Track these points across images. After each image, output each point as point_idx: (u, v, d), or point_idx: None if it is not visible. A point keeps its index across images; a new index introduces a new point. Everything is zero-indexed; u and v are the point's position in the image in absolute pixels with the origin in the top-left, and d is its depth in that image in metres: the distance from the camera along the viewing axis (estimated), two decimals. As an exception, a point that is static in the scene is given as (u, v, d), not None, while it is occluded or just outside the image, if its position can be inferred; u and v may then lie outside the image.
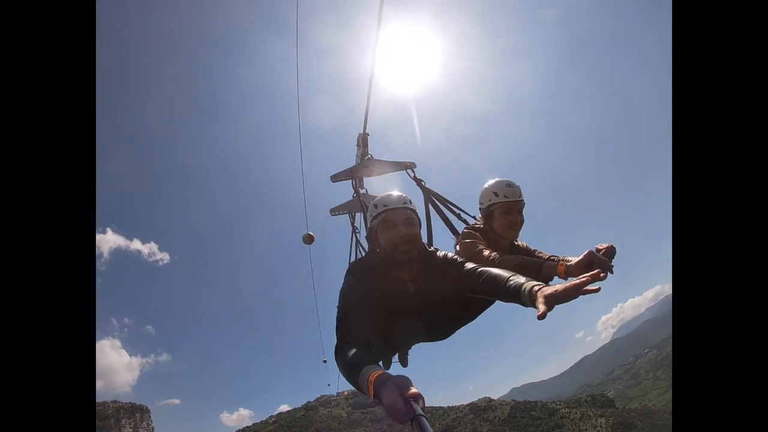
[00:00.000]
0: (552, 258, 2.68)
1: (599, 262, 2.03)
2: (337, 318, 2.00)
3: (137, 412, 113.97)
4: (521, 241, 2.94)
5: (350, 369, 1.59)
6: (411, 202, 2.33)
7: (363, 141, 4.21)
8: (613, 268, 2.11)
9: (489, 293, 2.02)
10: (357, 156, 4.35)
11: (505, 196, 2.66)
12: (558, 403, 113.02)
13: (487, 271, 2.03)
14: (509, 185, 2.69)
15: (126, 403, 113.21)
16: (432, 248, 2.43)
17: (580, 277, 1.59)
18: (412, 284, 2.26)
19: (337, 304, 2.12)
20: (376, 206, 2.29)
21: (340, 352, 1.75)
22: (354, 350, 1.68)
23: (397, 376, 1.33)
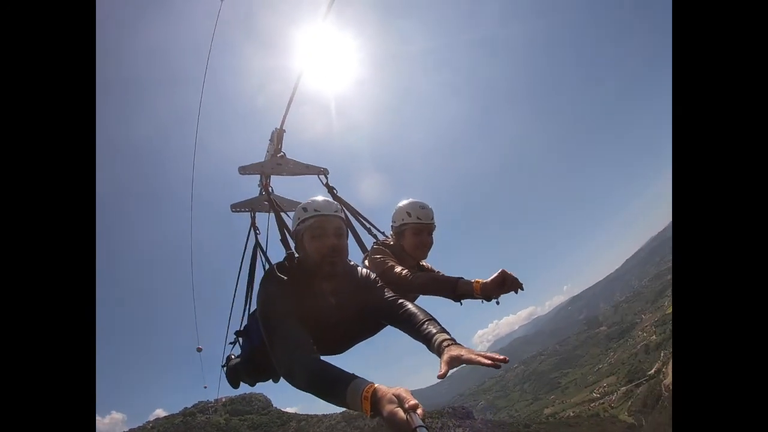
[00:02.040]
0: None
1: (511, 280, 2.21)
2: (268, 330, 1.91)
3: None
4: (427, 263, 3.04)
5: (331, 385, 1.55)
6: (342, 211, 2.27)
7: (278, 137, 3.88)
8: (523, 285, 2.26)
9: (402, 328, 2.05)
10: (268, 152, 4.02)
11: (418, 218, 2.76)
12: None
13: (406, 306, 2.07)
14: (423, 207, 2.80)
15: None
16: (352, 263, 2.37)
17: (487, 356, 1.61)
18: (333, 296, 2.20)
19: (260, 314, 2.01)
20: (305, 209, 2.20)
21: (300, 366, 1.69)
22: (321, 364, 1.65)
23: (395, 388, 1.34)
